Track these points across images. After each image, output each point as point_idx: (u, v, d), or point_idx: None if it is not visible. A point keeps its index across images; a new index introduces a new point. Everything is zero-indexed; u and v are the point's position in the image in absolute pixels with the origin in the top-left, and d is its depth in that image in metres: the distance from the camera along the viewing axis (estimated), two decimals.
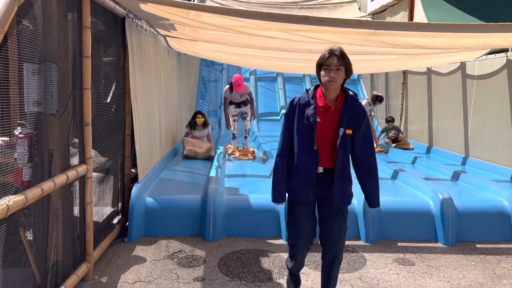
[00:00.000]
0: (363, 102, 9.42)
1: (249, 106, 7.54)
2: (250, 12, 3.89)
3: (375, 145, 9.03)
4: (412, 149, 8.79)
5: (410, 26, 3.97)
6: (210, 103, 12.09)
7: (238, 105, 7.50)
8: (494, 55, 6.46)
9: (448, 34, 3.89)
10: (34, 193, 2.47)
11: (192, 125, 7.53)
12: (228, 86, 7.43)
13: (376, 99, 9.23)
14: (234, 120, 7.58)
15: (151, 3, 3.63)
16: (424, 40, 4.28)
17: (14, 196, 2.28)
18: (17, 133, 2.43)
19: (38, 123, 2.64)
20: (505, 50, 6.24)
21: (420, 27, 3.66)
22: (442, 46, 4.77)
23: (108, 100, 4.29)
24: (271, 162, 6.44)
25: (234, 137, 7.68)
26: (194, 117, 7.61)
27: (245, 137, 7.62)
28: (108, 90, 4.28)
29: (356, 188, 2.91)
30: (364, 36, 4.06)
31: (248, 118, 7.59)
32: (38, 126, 2.64)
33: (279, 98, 12.31)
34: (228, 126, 7.63)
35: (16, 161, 2.45)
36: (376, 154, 2.95)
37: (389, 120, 9.45)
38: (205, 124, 7.58)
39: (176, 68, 7.67)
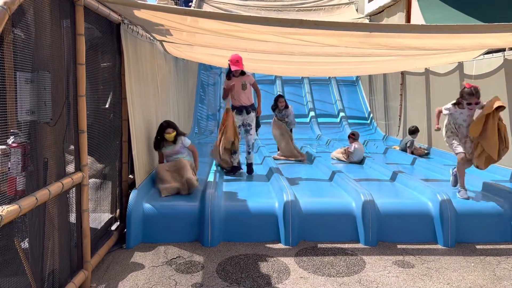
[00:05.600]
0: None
1: (253, 114, 6.28)
2: (245, 17, 3.90)
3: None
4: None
5: (405, 28, 3.97)
6: (209, 106, 12.10)
7: (240, 110, 6.17)
8: (491, 54, 6.46)
9: (443, 35, 3.89)
10: (28, 202, 2.46)
11: (160, 144, 5.23)
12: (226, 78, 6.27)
13: None
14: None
15: (145, 9, 3.64)
16: (420, 41, 4.28)
17: (8, 206, 2.28)
18: (10, 142, 2.42)
19: (32, 131, 2.64)
20: (502, 50, 6.24)
21: (415, 28, 3.66)
22: (438, 47, 4.77)
23: (107, 106, 4.29)
24: (269, 165, 6.43)
25: (234, 152, 6.15)
26: (160, 132, 5.19)
27: (249, 153, 6.41)
28: (104, 97, 4.28)
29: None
30: (359, 38, 4.06)
31: (252, 132, 6.33)
32: (32, 135, 2.63)
33: None
34: (224, 96, 6.33)
35: (9, 170, 2.44)
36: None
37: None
38: (176, 138, 5.21)
39: (174, 72, 7.67)
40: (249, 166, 6.38)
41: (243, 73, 6.04)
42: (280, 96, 7.99)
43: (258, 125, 6.45)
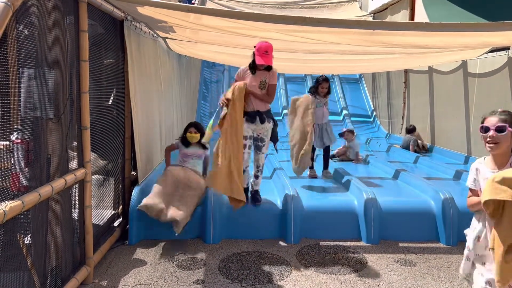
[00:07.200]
0: None
1: (269, 125, 4.60)
2: (249, 14, 3.90)
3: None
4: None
5: (409, 25, 3.95)
6: (212, 104, 12.09)
7: (252, 117, 4.49)
8: (495, 53, 6.43)
9: (447, 33, 3.87)
10: (31, 198, 2.47)
11: (185, 141, 4.91)
12: (243, 67, 4.58)
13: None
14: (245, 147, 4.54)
15: (148, 6, 3.63)
16: (424, 39, 4.26)
17: (11, 201, 2.29)
18: (13, 138, 2.43)
19: (35, 128, 2.65)
20: (506, 48, 6.21)
21: (418, 26, 3.65)
22: (442, 45, 4.75)
23: (110, 103, 4.30)
24: (271, 162, 6.43)
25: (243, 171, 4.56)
26: (185, 130, 4.92)
27: (257, 177, 4.74)
28: (107, 93, 4.28)
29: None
30: (363, 36, 4.05)
31: (265, 149, 4.71)
32: (35, 131, 2.64)
33: (280, 98, 12.30)
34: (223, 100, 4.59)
35: (12, 166, 2.45)
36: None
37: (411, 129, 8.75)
38: (201, 142, 4.98)
39: (177, 69, 7.67)
40: (255, 193, 4.71)
41: (268, 67, 4.41)
42: (325, 79, 6.00)
43: (276, 139, 4.77)
